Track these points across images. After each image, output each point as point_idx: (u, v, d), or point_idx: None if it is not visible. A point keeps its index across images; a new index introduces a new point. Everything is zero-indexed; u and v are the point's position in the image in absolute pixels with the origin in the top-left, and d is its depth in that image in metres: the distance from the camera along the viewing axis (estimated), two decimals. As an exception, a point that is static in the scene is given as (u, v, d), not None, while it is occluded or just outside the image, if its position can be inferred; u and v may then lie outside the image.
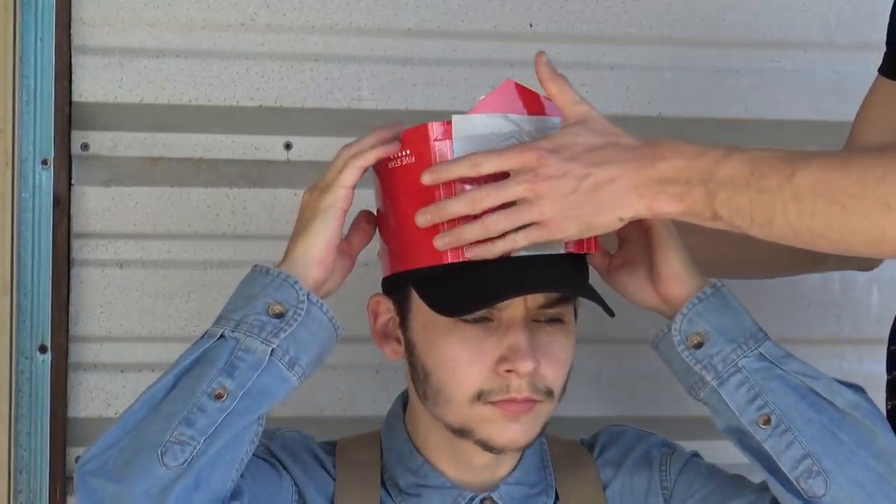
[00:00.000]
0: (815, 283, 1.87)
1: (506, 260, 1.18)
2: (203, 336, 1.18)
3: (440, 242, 1.17)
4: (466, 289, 1.18)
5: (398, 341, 1.29)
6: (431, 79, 1.78)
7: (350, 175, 1.19)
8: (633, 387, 1.83)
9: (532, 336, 1.21)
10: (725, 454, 1.86)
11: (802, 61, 1.85)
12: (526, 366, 1.19)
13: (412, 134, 1.22)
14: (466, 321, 1.21)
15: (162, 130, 1.74)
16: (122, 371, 1.73)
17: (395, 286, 1.27)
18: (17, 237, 1.68)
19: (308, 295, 1.18)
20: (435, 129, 1.20)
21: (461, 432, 1.23)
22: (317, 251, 1.19)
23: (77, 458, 1.73)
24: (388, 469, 1.31)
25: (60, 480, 1.70)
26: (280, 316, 1.16)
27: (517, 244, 1.15)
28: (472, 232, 1.16)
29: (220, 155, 1.75)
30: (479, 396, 1.21)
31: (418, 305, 1.24)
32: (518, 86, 1.23)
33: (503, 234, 1.15)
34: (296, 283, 1.17)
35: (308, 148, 1.76)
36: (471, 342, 1.21)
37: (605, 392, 1.82)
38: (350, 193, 1.20)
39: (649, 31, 1.82)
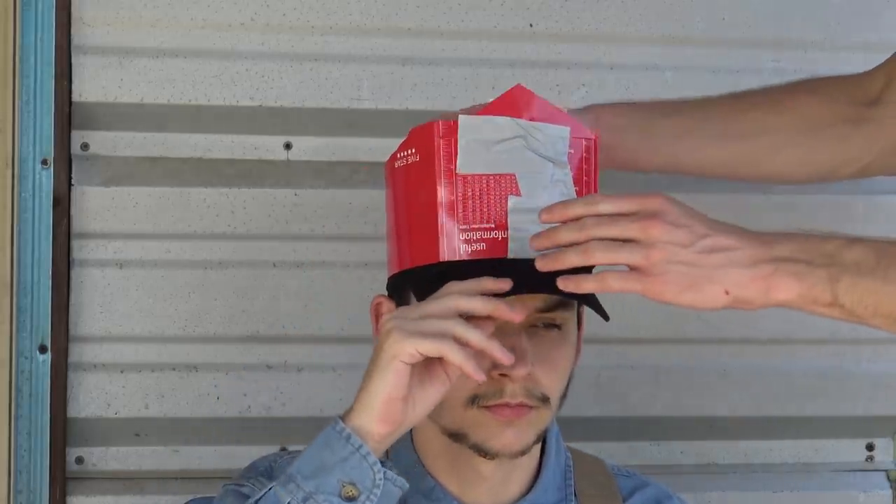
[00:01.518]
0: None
1: (504, 265, 1.17)
2: (267, 491, 1.12)
3: (535, 242, 1.12)
4: None
5: None
6: (431, 79, 1.78)
7: (438, 328, 1.10)
8: (633, 386, 1.83)
9: (529, 341, 1.19)
10: (725, 454, 1.87)
11: (802, 61, 1.85)
12: (519, 371, 1.17)
13: (419, 132, 1.22)
14: None
15: (162, 130, 1.73)
16: (121, 371, 1.73)
17: (396, 287, 1.27)
18: (17, 237, 1.68)
19: (385, 473, 1.12)
20: (441, 127, 1.20)
21: (456, 436, 1.22)
22: (378, 406, 1.12)
23: (77, 459, 1.74)
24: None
25: (60, 480, 1.70)
26: (352, 499, 1.11)
27: (606, 285, 1.10)
28: (567, 235, 1.11)
29: (220, 155, 1.75)
30: (473, 400, 1.20)
31: None
32: (528, 91, 1.22)
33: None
34: (375, 463, 1.11)
35: (308, 148, 1.76)
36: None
37: (604, 392, 1.82)
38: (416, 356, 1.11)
39: (649, 31, 1.82)
